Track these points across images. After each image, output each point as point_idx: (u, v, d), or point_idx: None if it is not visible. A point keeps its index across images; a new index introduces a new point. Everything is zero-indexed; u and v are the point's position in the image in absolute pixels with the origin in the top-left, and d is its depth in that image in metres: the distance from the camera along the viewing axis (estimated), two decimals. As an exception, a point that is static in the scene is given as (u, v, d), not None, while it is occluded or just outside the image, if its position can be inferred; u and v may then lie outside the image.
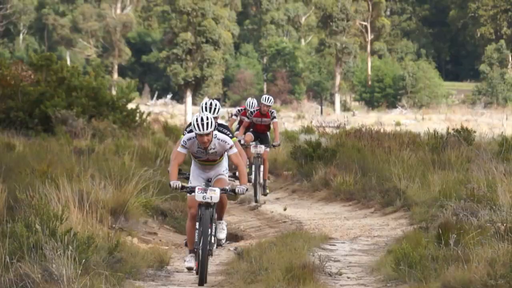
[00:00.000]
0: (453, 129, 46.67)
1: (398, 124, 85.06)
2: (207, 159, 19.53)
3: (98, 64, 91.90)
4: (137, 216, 24.69)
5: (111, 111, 48.05)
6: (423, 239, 21.18)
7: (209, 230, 19.23)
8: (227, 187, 19.61)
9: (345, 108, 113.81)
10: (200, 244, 19.11)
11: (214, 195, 19.08)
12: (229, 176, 20.55)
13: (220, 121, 20.84)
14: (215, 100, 20.55)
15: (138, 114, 49.83)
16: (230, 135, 20.03)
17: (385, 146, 38.15)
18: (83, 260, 15.76)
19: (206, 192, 19.06)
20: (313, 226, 27.78)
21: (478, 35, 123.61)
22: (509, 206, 23.77)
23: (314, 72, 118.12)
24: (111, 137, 43.41)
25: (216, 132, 19.20)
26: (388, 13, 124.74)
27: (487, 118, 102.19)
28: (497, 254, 18.31)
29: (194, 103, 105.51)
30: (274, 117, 34.77)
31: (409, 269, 18.89)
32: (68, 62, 62.11)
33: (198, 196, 19.06)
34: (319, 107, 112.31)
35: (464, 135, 45.68)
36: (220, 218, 20.30)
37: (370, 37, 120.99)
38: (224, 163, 20.05)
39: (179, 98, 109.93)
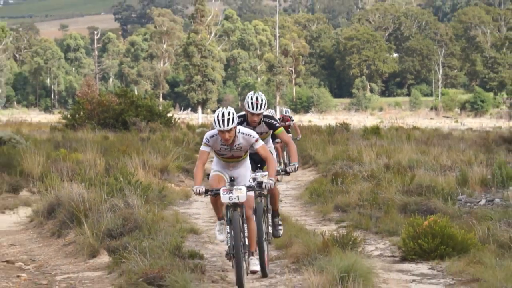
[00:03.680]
0: (339, 123, 46.86)
1: (310, 121, 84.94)
2: (232, 155, 10.51)
3: (151, 93, 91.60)
4: (174, 172, 24.54)
5: (159, 117, 47.91)
6: (324, 181, 21.15)
7: (241, 233, 10.14)
8: (253, 183, 10.39)
9: (281, 114, 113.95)
10: (233, 249, 10.00)
11: (240, 194, 10.06)
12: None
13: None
14: (260, 93, 11.41)
15: (173, 119, 49.69)
16: (278, 124, 11.53)
17: (304, 133, 38.01)
18: (145, 196, 15.67)
19: (231, 192, 10.05)
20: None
21: (351, 74, 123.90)
22: (369, 163, 23.78)
23: (265, 95, 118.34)
24: (159, 132, 43.25)
25: (239, 126, 10.42)
26: (303, 63, 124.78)
27: (356, 117, 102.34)
28: (363, 188, 18.30)
29: (202, 113, 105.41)
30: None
31: (317, 197, 18.84)
32: (136, 93, 62.01)
33: (224, 198, 10.06)
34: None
35: (345, 126, 45.97)
36: (252, 253, 10.32)
37: (294, 76, 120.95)
38: (248, 162, 10.74)
39: (194, 110, 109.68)
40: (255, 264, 10.25)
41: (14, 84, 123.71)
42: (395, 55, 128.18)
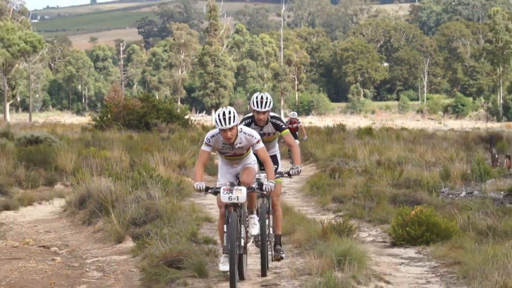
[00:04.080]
0: (336, 124, 46.73)
1: (310, 123, 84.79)
2: (234, 154, 9.26)
3: (170, 98, 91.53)
4: (190, 168, 24.47)
5: (177, 119, 47.83)
6: (323, 176, 21.12)
7: (236, 233, 8.84)
8: (254, 185, 9.10)
9: (285, 116, 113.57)
10: (228, 249, 8.81)
11: (240, 195, 8.82)
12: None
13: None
14: (265, 93, 9.93)
15: (190, 121, 49.61)
16: (284, 125, 9.96)
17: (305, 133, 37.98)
18: (165, 189, 15.68)
19: (231, 193, 8.84)
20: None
21: (347, 80, 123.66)
22: (363, 160, 23.75)
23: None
24: (177, 132, 43.20)
25: (241, 126, 9.20)
26: (305, 71, 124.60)
27: (352, 119, 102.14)
28: (357, 182, 18.30)
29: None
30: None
31: (317, 189, 18.83)
32: (157, 97, 61.99)
33: (224, 197, 8.87)
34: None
35: (341, 127, 45.85)
36: (251, 212, 9.48)
37: (296, 82, 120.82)
38: (252, 155, 9.45)
39: (208, 113, 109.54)
40: (254, 225, 9.41)
41: (50, 90, 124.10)
42: (386, 64, 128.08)
